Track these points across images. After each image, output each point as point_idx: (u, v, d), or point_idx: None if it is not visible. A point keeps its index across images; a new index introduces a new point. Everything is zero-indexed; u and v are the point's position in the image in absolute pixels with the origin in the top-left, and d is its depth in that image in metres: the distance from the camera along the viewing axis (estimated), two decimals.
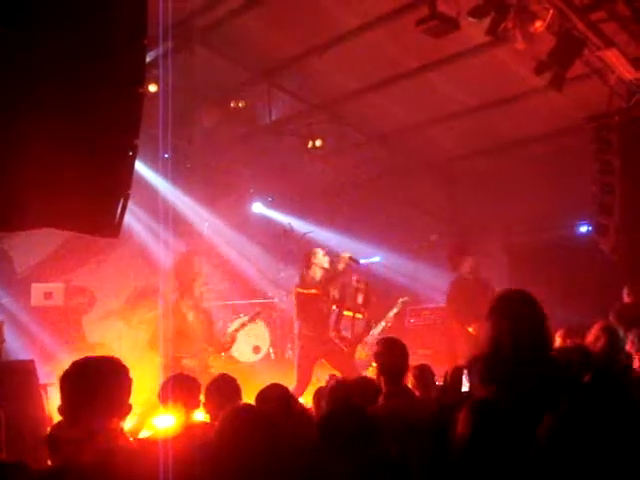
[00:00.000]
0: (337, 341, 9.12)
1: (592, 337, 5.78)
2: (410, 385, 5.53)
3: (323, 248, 9.30)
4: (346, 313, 9.59)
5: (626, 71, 8.53)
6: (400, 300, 10.29)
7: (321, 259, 9.02)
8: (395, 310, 10.21)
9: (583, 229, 11.74)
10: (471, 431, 2.75)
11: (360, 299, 9.96)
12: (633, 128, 9.16)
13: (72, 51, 4.00)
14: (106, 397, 2.86)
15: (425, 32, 7.37)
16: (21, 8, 3.79)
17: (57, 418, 5.08)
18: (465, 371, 4.73)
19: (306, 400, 6.82)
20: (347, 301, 9.67)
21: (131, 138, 4.14)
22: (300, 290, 8.97)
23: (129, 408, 2.98)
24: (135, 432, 5.26)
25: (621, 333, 5.89)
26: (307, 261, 9.08)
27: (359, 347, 9.55)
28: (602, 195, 9.25)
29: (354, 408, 3.10)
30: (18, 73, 3.82)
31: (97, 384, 2.86)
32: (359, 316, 9.79)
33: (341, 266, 8.96)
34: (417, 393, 5.37)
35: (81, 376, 2.89)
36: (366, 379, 5.16)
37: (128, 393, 2.98)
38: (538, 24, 7.34)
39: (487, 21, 7.35)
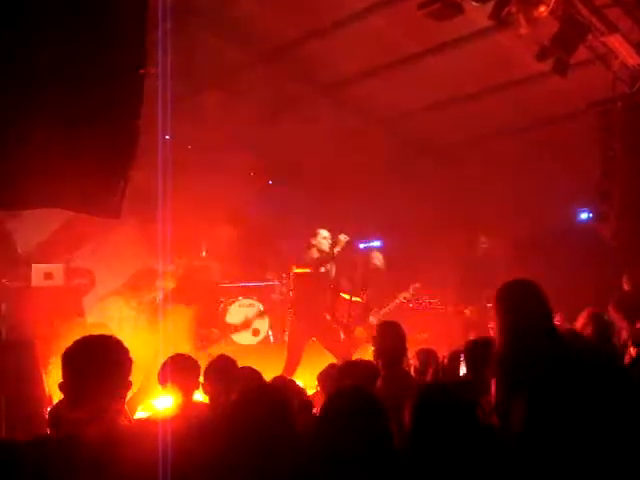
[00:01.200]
0: (335, 325, 9.18)
1: (581, 323, 5.85)
2: (413, 368, 5.57)
3: (326, 230, 9.32)
4: (343, 295, 9.64)
5: (629, 57, 8.50)
6: (412, 286, 10.27)
7: (321, 240, 9.07)
8: (406, 295, 10.20)
9: (584, 216, 11.74)
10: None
11: (358, 283, 10.02)
12: (636, 114, 9.13)
13: (74, 34, 4.00)
14: (107, 376, 2.86)
15: (427, 16, 7.32)
16: None
17: (56, 397, 5.11)
18: (462, 355, 4.76)
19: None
20: (344, 283, 9.71)
21: (132, 119, 4.15)
22: (295, 269, 9.05)
23: (129, 387, 3.00)
24: (130, 412, 5.29)
25: (607, 319, 5.96)
26: (307, 241, 9.15)
27: (360, 329, 9.58)
28: (603, 181, 9.24)
29: (359, 388, 3.11)
30: (19, 57, 3.82)
31: (99, 363, 2.86)
32: (356, 299, 9.83)
33: (337, 249, 9.00)
34: (421, 376, 5.41)
35: (83, 355, 2.89)
36: (366, 362, 5.18)
37: (129, 373, 2.98)
38: (542, 9, 7.30)
39: (490, 5, 7.31)
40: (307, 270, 8.92)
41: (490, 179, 11.88)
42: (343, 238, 9.06)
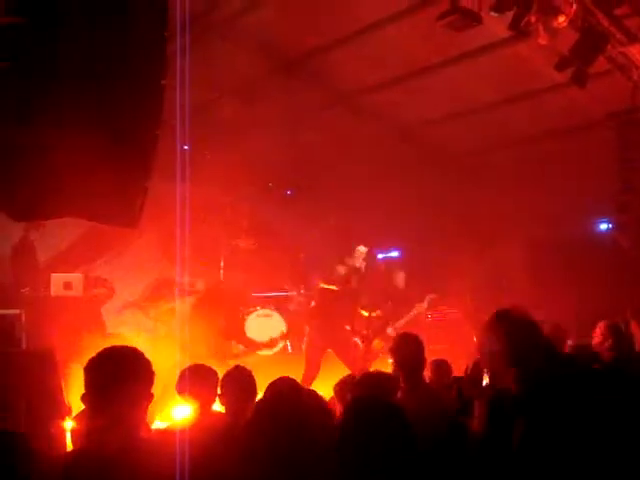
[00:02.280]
0: (354, 337, 9.19)
1: (598, 338, 5.77)
2: (427, 380, 5.53)
3: (364, 246, 9.32)
4: (362, 312, 9.67)
5: None
6: (428, 297, 10.23)
7: (357, 257, 9.09)
8: (423, 306, 10.17)
9: (603, 226, 11.67)
10: (486, 426, 2.76)
11: (378, 295, 10.03)
12: None
13: (96, 45, 4.03)
14: (130, 387, 2.86)
15: (446, 26, 7.32)
16: (48, 5, 3.83)
17: (75, 406, 5.13)
18: None
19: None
20: (363, 296, 9.71)
21: (152, 129, 4.17)
22: (323, 286, 9.07)
23: (151, 399, 3.00)
24: (149, 422, 5.29)
25: (624, 329, 5.88)
26: (340, 257, 9.18)
27: (377, 340, 9.59)
28: (623, 192, 9.19)
29: (379, 399, 3.10)
30: (42, 67, 3.86)
31: (121, 374, 2.86)
32: (375, 314, 9.84)
33: (358, 262, 9.00)
34: (434, 387, 5.37)
35: (106, 365, 2.90)
36: (385, 374, 5.15)
37: (151, 384, 2.99)
38: (561, 19, 7.28)
39: (509, 15, 7.30)
40: (333, 287, 8.96)
41: (508, 189, 11.83)
42: (362, 250, 9.05)
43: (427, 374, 5.71)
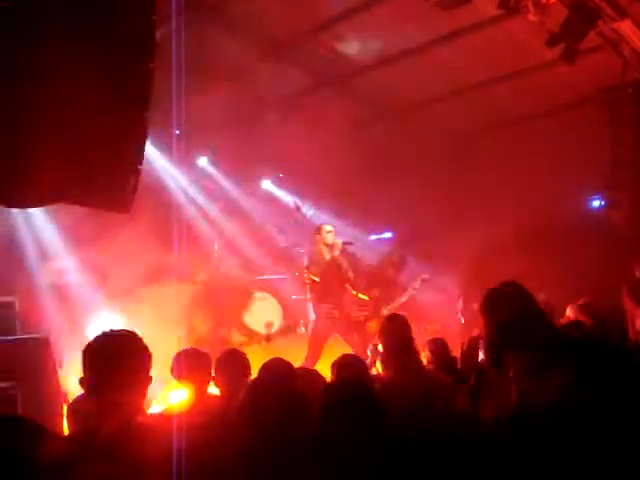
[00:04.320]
0: (344, 321, 9.25)
1: (573, 317, 5.76)
2: (425, 359, 5.56)
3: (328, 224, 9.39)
4: (352, 292, 9.71)
5: None
6: (420, 277, 10.35)
7: (325, 235, 9.13)
8: (415, 287, 10.28)
9: (595, 203, 11.68)
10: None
11: (363, 280, 10.09)
12: None
13: (84, 29, 4.01)
14: (128, 371, 2.90)
15: (436, 5, 7.30)
16: None
17: (71, 393, 5.15)
18: (481, 341, 4.75)
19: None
20: (353, 279, 9.76)
21: (142, 112, 4.16)
22: (308, 273, 9.11)
23: (149, 382, 3.03)
24: (146, 406, 5.31)
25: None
26: (313, 238, 9.24)
27: (374, 323, 9.61)
28: (614, 169, 9.20)
29: (356, 380, 3.13)
30: (32, 49, 3.83)
31: (119, 358, 2.90)
32: (363, 297, 9.85)
33: (336, 252, 9.09)
34: (432, 367, 5.40)
35: (104, 349, 2.93)
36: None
37: (149, 368, 3.02)
38: None
39: None
40: (316, 279, 9.04)
41: (501, 167, 11.82)
42: (337, 241, 9.15)
43: (426, 354, 5.73)
